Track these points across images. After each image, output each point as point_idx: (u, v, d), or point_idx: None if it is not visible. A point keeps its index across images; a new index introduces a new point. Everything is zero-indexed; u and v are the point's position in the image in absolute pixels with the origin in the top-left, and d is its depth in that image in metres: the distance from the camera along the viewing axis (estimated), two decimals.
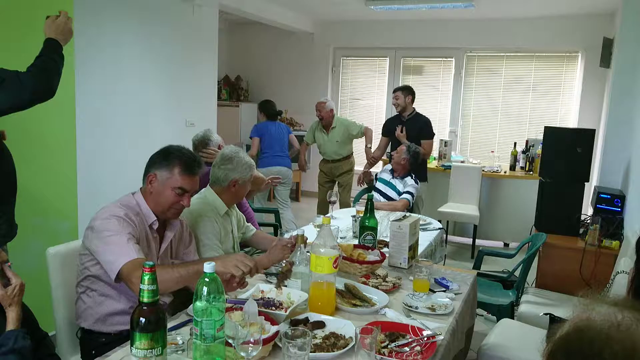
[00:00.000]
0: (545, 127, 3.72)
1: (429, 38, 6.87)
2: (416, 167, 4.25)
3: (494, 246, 5.47)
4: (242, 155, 2.54)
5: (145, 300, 1.35)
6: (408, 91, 4.89)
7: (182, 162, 1.96)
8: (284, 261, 2.14)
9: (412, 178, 4.14)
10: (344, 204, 5.26)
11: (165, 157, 1.97)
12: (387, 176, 4.27)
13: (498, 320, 3.01)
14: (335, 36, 7.46)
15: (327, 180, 5.45)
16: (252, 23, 6.99)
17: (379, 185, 4.28)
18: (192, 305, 1.84)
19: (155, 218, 1.97)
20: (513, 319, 2.96)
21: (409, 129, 4.77)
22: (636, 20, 3.76)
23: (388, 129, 5.02)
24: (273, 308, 1.79)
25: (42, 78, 2.05)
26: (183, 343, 1.58)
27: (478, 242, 5.34)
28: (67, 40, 2.23)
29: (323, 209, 5.25)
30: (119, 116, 4.19)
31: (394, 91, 4.97)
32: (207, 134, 3.42)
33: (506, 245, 5.64)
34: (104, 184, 3.88)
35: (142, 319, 1.35)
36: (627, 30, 3.84)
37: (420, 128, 4.79)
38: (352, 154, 5.47)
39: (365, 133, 5.27)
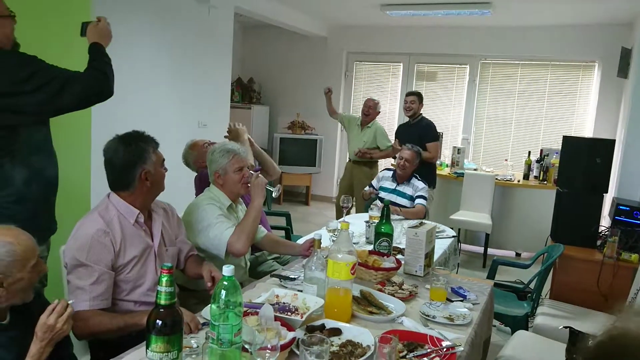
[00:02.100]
0: (563, 136, 3.66)
1: (443, 44, 6.83)
2: (419, 167, 4.15)
3: (505, 255, 5.41)
4: (218, 145, 2.52)
5: (162, 302, 1.33)
6: (421, 97, 4.94)
7: (148, 142, 1.98)
8: None
9: (417, 179, 4.02)
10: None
11: (136, 149, 1.95)
12: (389, 184, 4.10)
13: (512, 331, 2.96)
14: (348, 41, 7.44)
15: (346, 183, 5.39)
16: (266, 26, 6.99)
17: (383, 194, 4.09)
18: (206, 308, 1.83)
19: (139, 212, 1.94)
20: (527, 330, 2.91)
21: (413, 133, 4.76)
22: None
23: (399, 135, 5.01)
24: (289, 313, 1.75)
25: (104, 77, 2.14)
26: (198, 347, 1.54)
27: (489, 251, 5.27)
28: (108, 44, 2.32)
29: (340, 212, 5.11)
30: (133, 116, 4.17)
31: (409, 95, 4.94)
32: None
33: (518, 255, 5.57)
34: None
35: (159, 322, 1.32)
36: None
37: (424, 132, 4.79)
38: (376, 162, 5.42)
39: (389, 154, 5.24)
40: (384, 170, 4.40)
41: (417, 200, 3.91)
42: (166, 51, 4.52)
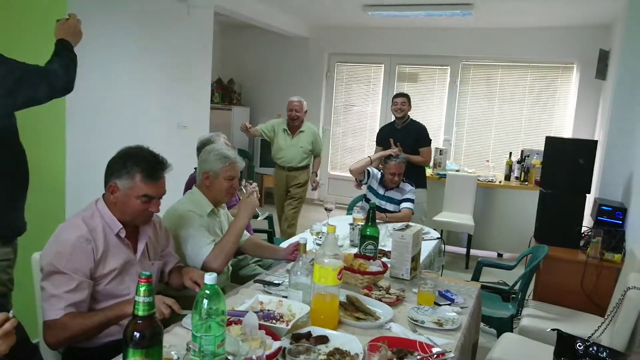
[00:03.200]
0: (546, 137, 3.67)
1: (424, 46, 6.84)
2: (409, 170, 4.09)
3: (487, 256, 5.42)
4: (216, 147, 2.42)
5: (141, 313, 1.25)
6: (410, 98, 4.75)
7: (144, 168, 1.81)
8: None
9: (404, 181, 3.94)
10: (287, 233, 4.79)
11: (124, 164, 1.81)
12: (379, 188, 3.98)
13: (498, 333, 2.94)
14: (330, 41, 7.40)
15: (282, 192, 4.97)
16: (246, 26, 6.91)
17: (370, 196, 4.01)
18: (186, 317, 1.75)
19: (122, 226, 1.84)
20: (512, 332, 2.89)
21: (404, 137, 4.57)
22: (638, 33, 3.74)
23: (382, 137, 4.79)
24: (273, 321, 1.69)
25: (65, 72, 2.08)
26: (178, 359, 1.47)
27: (472, 252, 5.28)
28: (77, 42, 2.26)
29: (282, 225, 4.92)
30: (111, 117, 4.06)
31: (398, 96, 4.73)
32: (212, 138, 3.23)
33: (500, 255, 5.59)
34: (94, 187, 3.73)
35: (137, 334, 1.24)
36: (628, 43, 3.81)
37: (417, 136, 4.66)
38: (310, 165, 5.02)
39: (317, 160, 5.01)
40: (374, 168, 4.20)
41: (403, 204, 3.85)
42: (145, 51, 4.41)
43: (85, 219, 1.81)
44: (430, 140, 4.77)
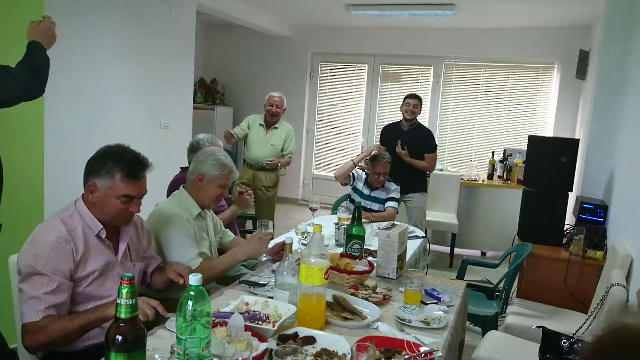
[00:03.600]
0: (529, 136, 3.70)
1: (408, 46, 6.86)
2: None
3: (471, 255, 5.45)
4: (218, 153, 2.38)
5: (123, 316, 1.21)
6: (421, 100, 4.58)
7: (124, 167, 1.76)
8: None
9: (389, 180, 3.92)
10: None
11: (103, 162, 1.77)
12: (364, 188, 3.97)
13: (483, 331, 2.95)
14: (313, 41, 7.38)
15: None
16: (229, 25, 6.85)
17: (355, 197, 3.99)
18: (170, 319, 1.71)
19: (102, 227, 1.80)
20: (496, 329, 2.91)
21: (410, 140, 4.46)
22: (618, 33, 3.79)
23: (387, 138, 4.64)
24: (259, 322, 1.66)
25: (35, 75, 2.00)
26: None
27: (456, 250, 5.31)
28: (51, 45, 2.18)
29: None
30: (91, 116, 3.98)
31: (412, 97, 4.52)
32: (210, 140, 3.18)
33: (483, 254, 5.63)
34: (73, 187, 3.66)
35: (119, 337, 1.21)
36: (609, 43, 3.86)
37: (424, 140, 4.54)
38: (279, 167, 4.73)
39: (286, 159, 4.73)
40: (358, 170, 4.16)
41: (388, 203, 3.86)
42: (125, 50, 4.33)
43: (64, 220, 1.76)
44: (437, 146, 4.69)
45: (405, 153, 4.40)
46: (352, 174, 4.04)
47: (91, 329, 1.68)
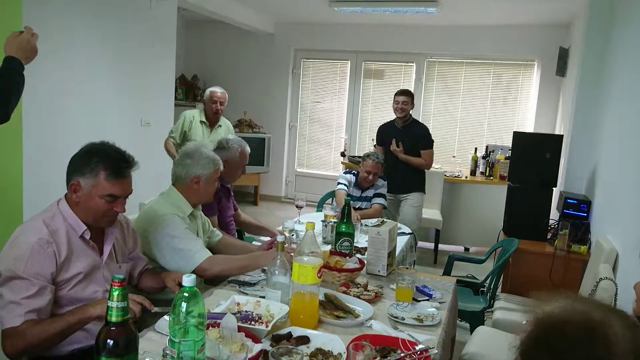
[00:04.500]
0: (514, 132, 3.74)
1: (390, 43, 6.86)
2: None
3: (454, 251, 5.48)
4: (203, 150, 2.37)
5: (114, 319, 1.17)
6: (413, 96, 4.41)
7: (108, 166, 1.70)
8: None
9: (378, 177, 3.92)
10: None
11: (87, 161, 1.70)
12: (355, 191, 3.95)
13: (471, 326, 2.97)
14: (296, 37, 7.33)
15: None
16: (210, 21, 6.76)
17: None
18: (160, 320, 1.67)
19: (86, 228, 1.74)
20: (483, 324, 2.92)
21: (405, 137, 4.35)
22: (600, 30, 3.84)
23: (382, 137, 4.53)
24: (252, 322, 1.63)
25: (2, 100, 1.84)
26: None
27: (440, 247, 5.33)
28: (31, 59, 2.01)
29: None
30: (70, 115, 3.89)
31: (400, 94, 4.34)
32: (226, 139, 3.14)
33: (466, 249, 5.67)
34: (53, 187, 3.56)
35: (110, 341, 1.17)
36: (590, 40, 3.91)
37: (419, 137, 4.40)
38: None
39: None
40: (346, 172, 4.15)
41: (375, 200, 3.85)
42: (105, 46, 4.24)
43: (46, 221, 1.69)
44: (433, 141, 4.52)
45: (400, 150, 4.31)
46: (346, 177, 4.01)
47: (73, 332, 1.62)
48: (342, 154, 7.17)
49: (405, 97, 4.33)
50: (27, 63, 1.99)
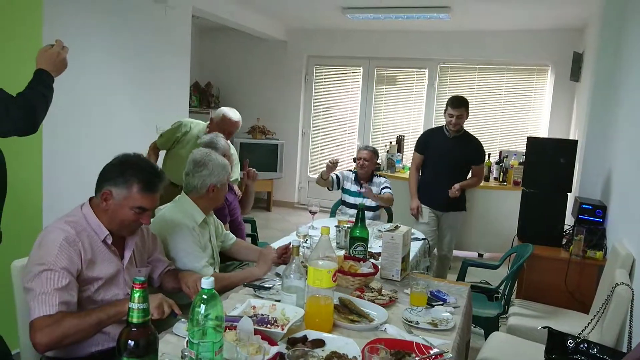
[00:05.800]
0: (528, 137, 3.72)
1: (403, 49, 6.88)
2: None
3: (468, 257, 5.45)
4: (214, 156, 2.38)
5: (135, 320, 1.20)
6: (468, 106, 4.01)
7: (142, 179, 1.75)
8: None
9: (376, 176, 4.11)
10: None
11: (121, 172, 1.75)
12: (353, 187, 4.06)
13: (485, 332, 2.95)
14: (308, 44, 7.38)
15: None
16: (223, 29, 6.84)
17: (346, 197, 4.11)
18: (177, 324, 1.70)
19: (108, 233, 1.78)
20: (498, 330, 2.91)
21: (453, 148, 4.04)
22: (615, 34, 3.82)
23: (426, 145, 4.17)
24: (268, 326, 1.65)
25: (28, 113, 1.89)
26: None
27: (454, 252, 5.30)
28: (60, 72, 2.07)
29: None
30: (86, 122, 3.96)
31: (455, 107, 3.92)
32: (213, 139, 3.11)
33: (480, 255, 5.64)
34: (70, 195, 3.63)
35: (131, 342, 1.20)
36: (605, 44, 3.89)
37: (472, 151, 4.11)
38: None
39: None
40: (344, 170, 4.27)
41: (384, 190, 3.99)
42: (121, 53, 4.31)
43: (70, 223, 1.74)
44: (485, 156, 4.27)
45: (458, 191, 4.03)
46: (336, 177, 4.13)
47: (109, 324, 1.65)
48: (355, 160, 7.18)
49: (461, 110, 3.91)
50: (57, 75, 2.04)
